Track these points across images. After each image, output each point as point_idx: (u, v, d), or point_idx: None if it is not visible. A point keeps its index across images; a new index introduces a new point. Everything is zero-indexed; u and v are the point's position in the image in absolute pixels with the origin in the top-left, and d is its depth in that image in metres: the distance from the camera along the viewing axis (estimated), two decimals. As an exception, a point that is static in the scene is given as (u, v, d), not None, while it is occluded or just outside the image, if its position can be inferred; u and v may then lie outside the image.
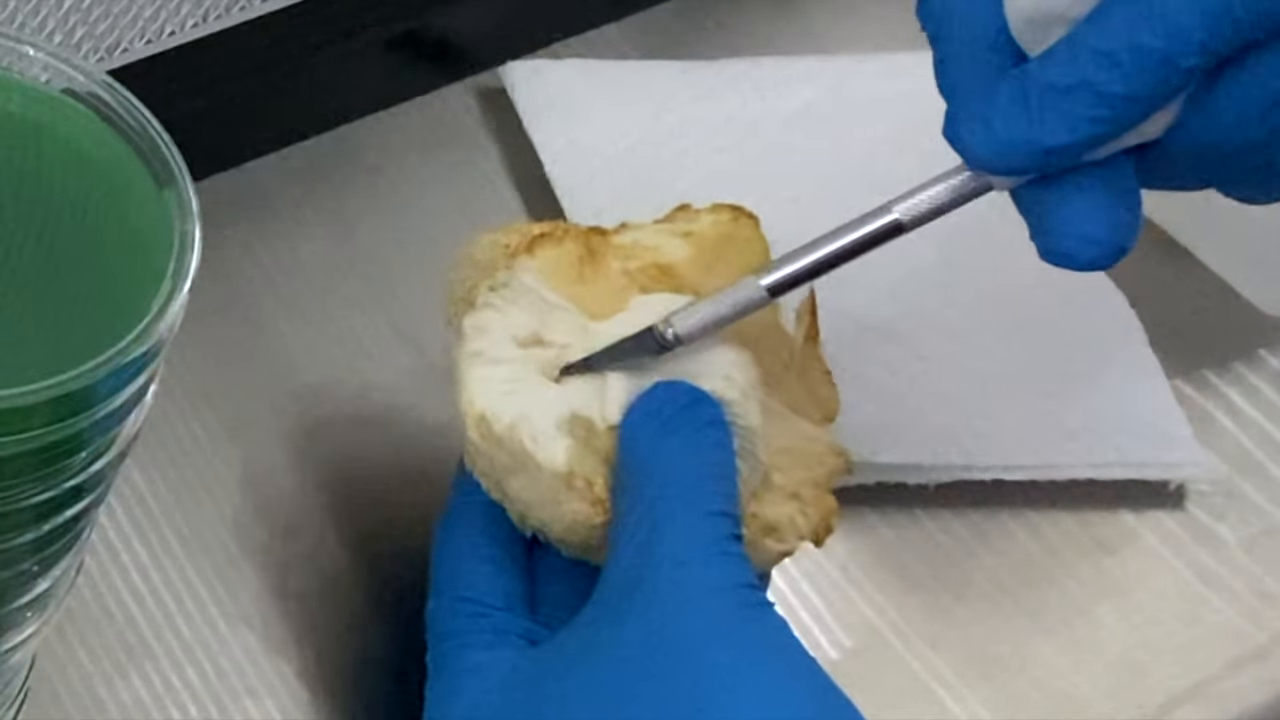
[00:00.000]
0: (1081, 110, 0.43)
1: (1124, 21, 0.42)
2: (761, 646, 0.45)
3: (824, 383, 0.52)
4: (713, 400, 0.48)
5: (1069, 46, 0.43)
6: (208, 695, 0.53)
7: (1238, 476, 0.63)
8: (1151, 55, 0.42)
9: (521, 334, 0.49)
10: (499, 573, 0.50)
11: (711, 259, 0.52)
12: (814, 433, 0.51)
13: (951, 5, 0.46)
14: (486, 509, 0.49)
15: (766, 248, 0.53)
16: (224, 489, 0.57)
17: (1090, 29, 0.43)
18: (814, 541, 0.50)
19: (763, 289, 0.48)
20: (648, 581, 0.45)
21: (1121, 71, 0.42)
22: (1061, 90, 0.43)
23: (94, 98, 0.40)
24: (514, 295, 0.49)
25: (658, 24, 0.70)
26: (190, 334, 0.40)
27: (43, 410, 0.36)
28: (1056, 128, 0.43)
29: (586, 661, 0.45)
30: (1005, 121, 0.44)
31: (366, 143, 0.65)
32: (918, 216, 0.47)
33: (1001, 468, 0.60)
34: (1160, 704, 0.58)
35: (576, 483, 0.47)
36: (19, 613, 0.43)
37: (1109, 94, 0.43)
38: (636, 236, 0.52)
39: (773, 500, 0.49)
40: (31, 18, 0.55)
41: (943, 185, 0.46)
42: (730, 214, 0.53)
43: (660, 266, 0.51)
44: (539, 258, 0.50)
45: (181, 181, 0.39)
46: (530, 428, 0.48)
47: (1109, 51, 0.42)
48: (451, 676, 0.48)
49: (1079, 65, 0.43)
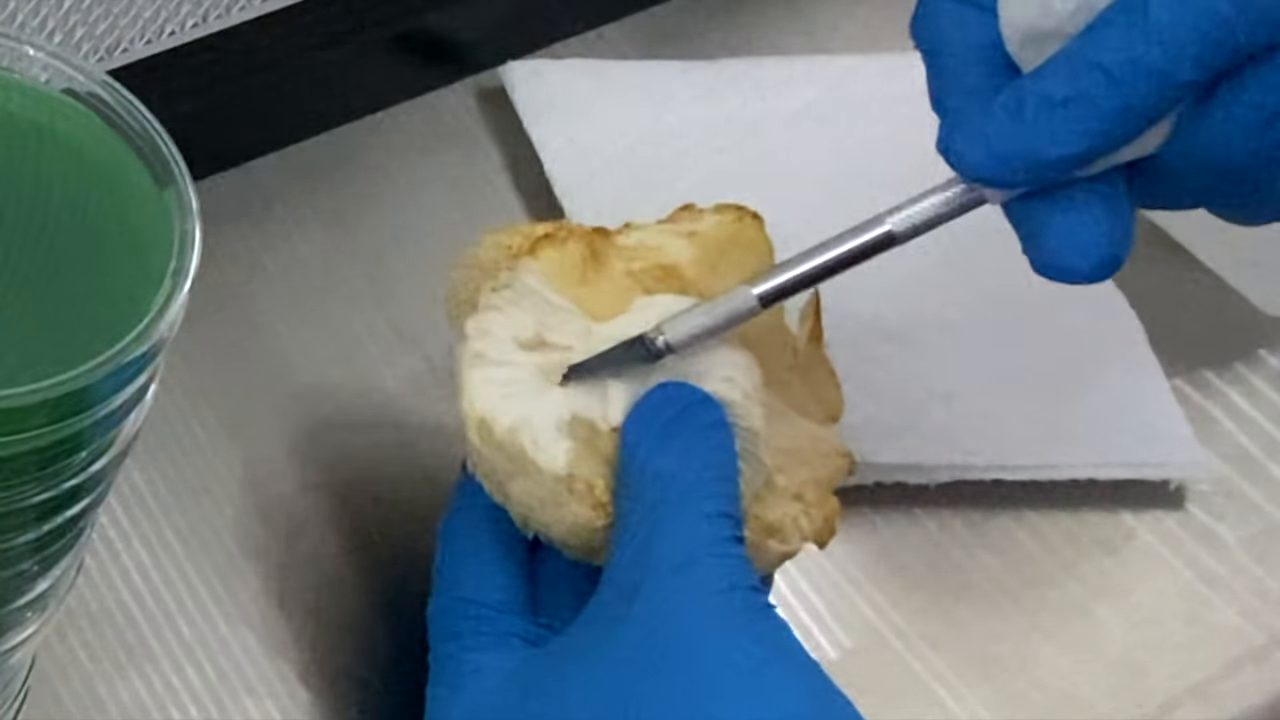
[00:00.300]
0: (1077, 123, 0.43)
1: (1120, 35, 0.42)
2: (762, 649, 0.45)
3: (829, 383, 0.52)
4: (714, 402, 0.48)
5: (1065, 60, 0.43)
6: (208, 695, 0.53)
7: (1238, 476, 0.63)
8: (1147, 69, 0.42)
9: (524, 336, 0.49)
10: (501, 574, 0.50)
11: (716, 259, 0.52)
12: (818, 433, 0.51)
13: (945, 21, 0.46)
14: (489, 511, 0.49)
15: (771, 248, 0.53)
16: (224, 489, 0.57)
17: (1086, 43, 0.43)
18: (817, 543, 0.50)
19: (754, 298, 0.48)
20: (649, 583, 0.45)
21: (1117, 85, 0.42)
22: (1057, 103, 0.43)
23: (94, 98, 0.40)
24: (516, 297, 0.49)
25: (658, 24, 0.70)
26: (190, 334, 0.40)
27: (43, 410, 0.36)
28: (1052, 140, 0.43)
29: (587, 662, 0.45)
30: (1000, 134, 0.44)
31: (366, 143, 0.65)
32: (911, 228, 0.47)
33: (1001, 468, 0.60)
34: (1160, 704, 0.58)
35: (577, 486, 0.47)
36: (19, 613, 0.43)
37: (1105, 107, 0.43)
38: (640, 237, 0.52)
39: (775, 501, 0.49)
40: (31, 18, 0.55)
41: (936, 197, 0.46)
42: (735, 214, 0.53)
43: (664, 267, 0.51)
44: (542, 259, 0.50)
45: (181, 181, 0.39)
46: (531, 431, 0.47)
47: (1105, 65, 0.42)
48: (453, 677, 0.48)
49: (1075, 78, 0.43)
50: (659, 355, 0.48)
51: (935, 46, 0.47)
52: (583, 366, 0.48)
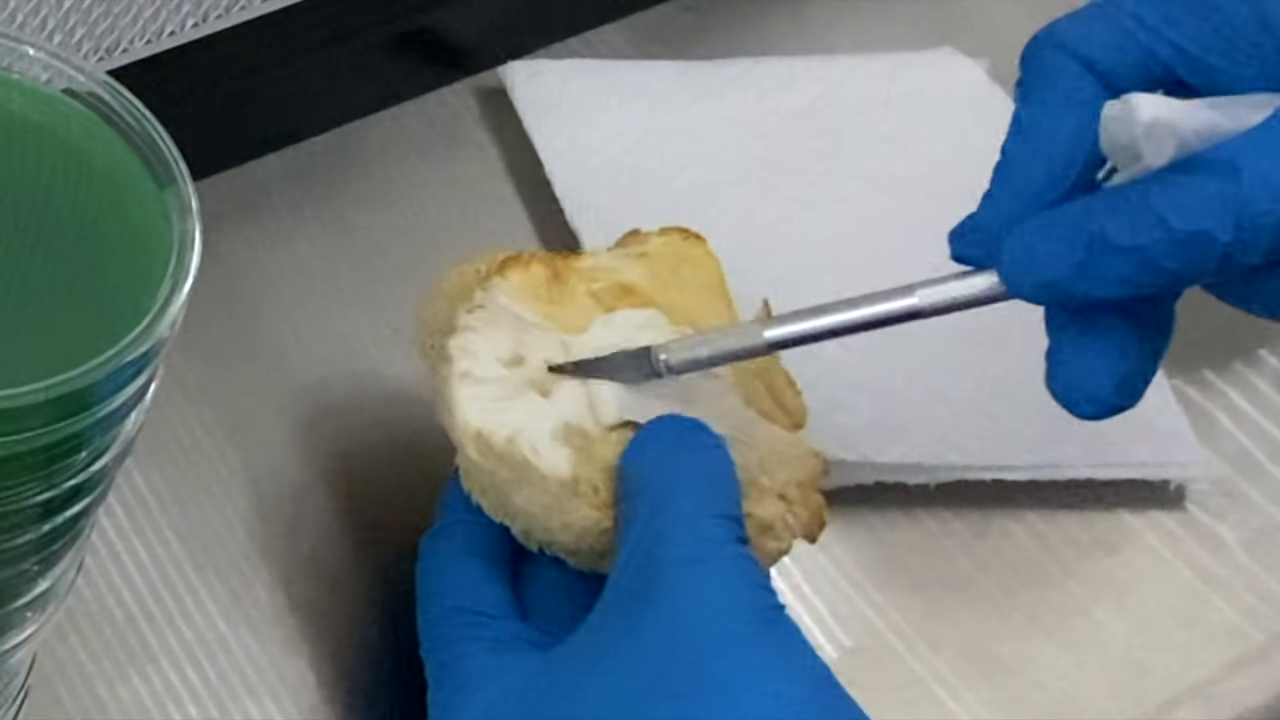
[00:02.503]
0: (1129, 273, 0.42)
1: (1201, 200, 0.41)
2: (778, 647, 0.45)
3: (789, 391, 0.52)
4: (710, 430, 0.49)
5: (1139, 202, 0.41)
6: (208, 695, 0.53)
7: (1238, 476, 0.63)
8: (1215, 247, 0.41)
9: (503, 353, 0.50)
10: (492, 584, 0.50)
11: (669, 276, 0.53)
12: (790, 438, 0.51)
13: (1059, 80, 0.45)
14: (472, 526, 0.50)
15: (718, 263, 0.54)
16: (224, 489, 0.57)
17: (1168, 193, 0.41)
18: (808, 538, 0.50)
19: (765, 340, 0.48)
20: (662, 581, 0.45)
21: (1182, 253, 0.41)
22: (1115, 249, 0.42)
23: (94, 98, 0.40)
24: (491, 316, 0.50)
25: (658, 24, 0.70)
26: (190, 334, 0.40)
27: (43, 410, 0.36)
28: (1097, 282, 0.42)
29: (603, 663, 0.45)
30: (1049, 258, 0.43)
31: (366, 143, 0.65)
32: (938, 305, 0.46)
33: (1001, 468, 0.60)
34: (1160, 704, 0.58)
35: (582, 488, 0.48)
36: (19, 613, 0.43)
37: (1161, 268, 0.41)
38: (595, 261, 0.53)
39: (763, 501, 0.49)
40: (31, 18, 0.55)
41: (972, 281, 0.45)
42: (679, 234, 0.54)
43: (623, 286, 0.52)
44: (509, 278, 0.51)
45: (181, 181, 0.39)
46: (529, 439, 0.48)
47: (1174, 230, 0.41)
48: (461, 682, 0.48)
49: (1139, 231, 0.41)
50: (658, 375, 0.48)
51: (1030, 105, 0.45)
52: (580, 366, 0.49)
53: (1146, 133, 0.41)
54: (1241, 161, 0.41)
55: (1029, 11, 0.74)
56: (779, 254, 0.62)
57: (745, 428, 0.50)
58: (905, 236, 0.64)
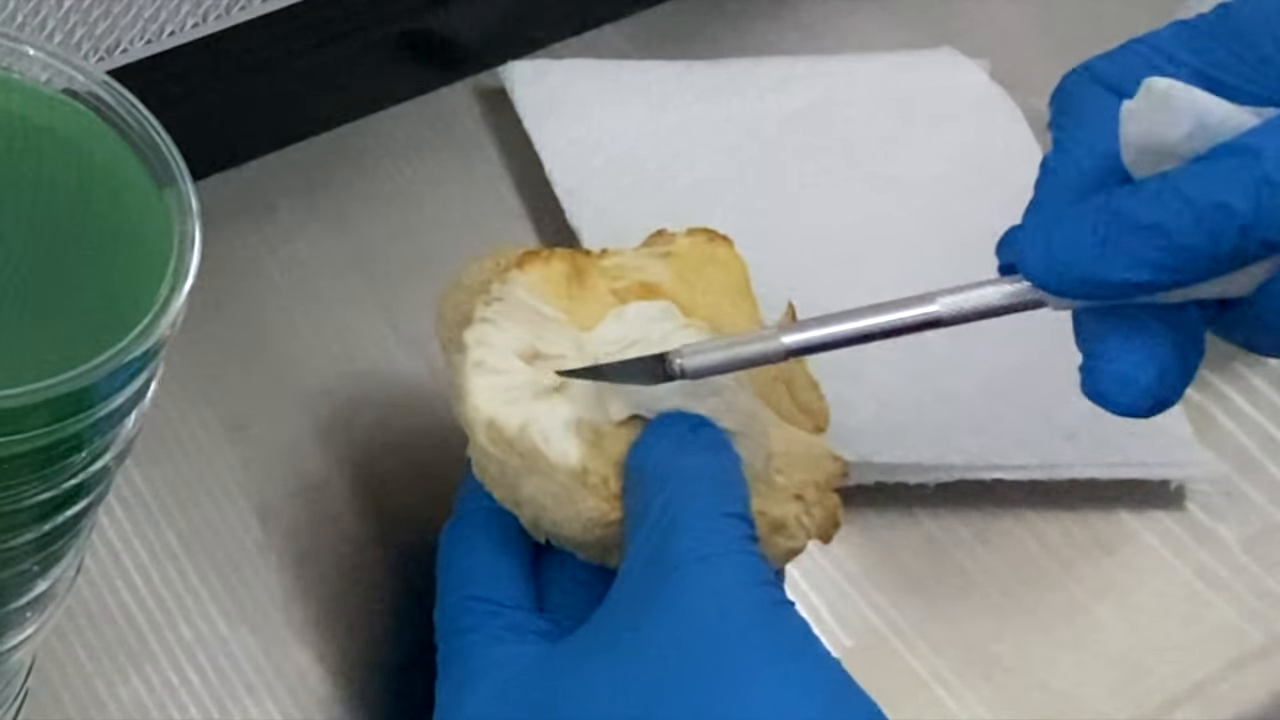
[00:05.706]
0: (1147, 253, 0.41)
1: (1222, 176, 0.40)
2: (786, 643, 0.45)
3: (812, 394, 0.52)
4: (716, 427, 0.48)
5: (1160, 183, 0.41)
6: (208, 695, 0.53)
7: (1238, 476, 0.63)
8: (1235, 220, 0.40)
9: (519, 346, 0.50)
10: (509, 573, 0.50)
11: (694, 277, 0.53)
12: (810, 439, 0.51)
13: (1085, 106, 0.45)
14: (492, 515, 0.50)
15: (744, 265, 0.54)
16: (224, 489, 0.57)
17: (1188, 173, 0.41)
18: (821, 539, 0.50)
19: (783, 347, 0.47)
20: (671, 576, 0.45)
21: (1201, 227, 0.40)
22: (1133, 227, 0.41)
23: (94, 98, 0.40)
24: (509, 309, 0.50)
25: (658, 24, 0.70)
26: (190, 334, 0.40)
27: (43, 410, 0.36)
28: (1116, 263, 0.42)
29: (610, 655, 0.45)
30: (1066, 244, 0.42)
31: (366, 143, 0.65)
32: (960, 314, 0.45)
33: (1001, 468, 0.60)
34: (1160, 704, 0.58)
35: (592, 479, 0.48)
36: (19, 613, 0.43)
37: (1180, 244, 0.41)
38: (619, 260, 0.53)
39: (778, 500, 0.49)
40: (31, 18, 0.55)
41: (995, 289, 0.45)
42: (706, 235, 0.54)
43: (646, 285, 0.52)
44: (529, 272, 0.51)
45: (181, 181, 0.39)
46: (541, 429, 0.48)
47: (1195, 203, 0.40)
48: (468, 670, 0.48)
49: (1160, 206, 0.41)
50: (673, 378, 0.48)
51: (1065, 129, 0.45)
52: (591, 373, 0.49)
53: (1162, 100, 0.41)
54: (1262, 143, 0.40)
55: (1029, 12, 0.75)
56: (779, 253, 0.62)
57: (756, 424, 0.50)
58: (905, 236, 0.64)
